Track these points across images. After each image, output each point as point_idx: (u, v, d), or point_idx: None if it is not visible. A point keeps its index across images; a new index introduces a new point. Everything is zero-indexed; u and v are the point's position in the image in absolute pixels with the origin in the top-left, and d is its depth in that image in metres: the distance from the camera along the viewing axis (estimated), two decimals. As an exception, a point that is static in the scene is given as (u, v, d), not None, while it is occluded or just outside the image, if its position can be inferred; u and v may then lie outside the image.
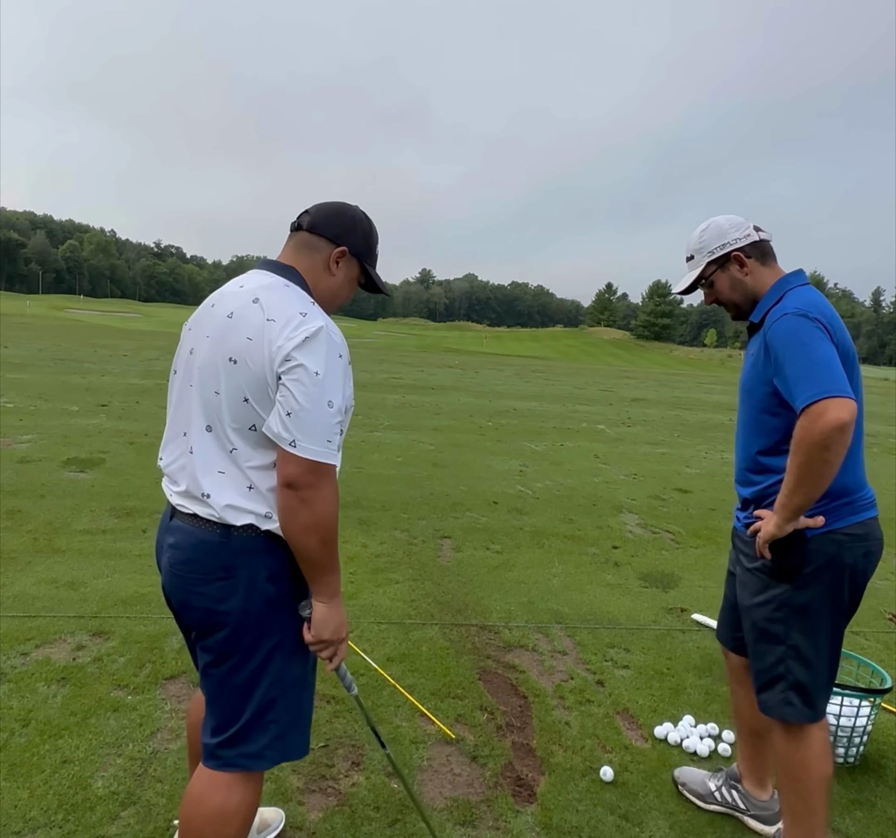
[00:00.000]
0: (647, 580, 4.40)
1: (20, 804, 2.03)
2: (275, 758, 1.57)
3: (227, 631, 1.49)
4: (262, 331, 1.41)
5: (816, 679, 1.86)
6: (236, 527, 1.46)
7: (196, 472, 1.49)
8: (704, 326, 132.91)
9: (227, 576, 1.47)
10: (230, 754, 1.54)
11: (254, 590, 1.47)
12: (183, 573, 1.51)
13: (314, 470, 1.38)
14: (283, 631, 1.52)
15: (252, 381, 1.42)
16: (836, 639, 1.88)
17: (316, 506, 1.39)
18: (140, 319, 63.74)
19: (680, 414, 15.65)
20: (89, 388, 11.40)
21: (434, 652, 3.15)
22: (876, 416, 18.57)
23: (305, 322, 1.42)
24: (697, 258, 1.97)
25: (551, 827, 2.12)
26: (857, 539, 1.83)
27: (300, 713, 1.60)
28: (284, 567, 1.50)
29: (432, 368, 25.33)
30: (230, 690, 1.53)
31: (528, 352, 61.92)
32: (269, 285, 1.51)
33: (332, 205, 1.63)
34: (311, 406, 1.37)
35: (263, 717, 1.53)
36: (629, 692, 2.95)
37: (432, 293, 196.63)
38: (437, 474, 7.00)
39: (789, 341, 1.71)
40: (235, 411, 1.44)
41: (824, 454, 1.61)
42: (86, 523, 4.59)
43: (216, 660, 1.53)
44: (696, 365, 65.07)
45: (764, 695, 1.91)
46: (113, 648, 2.95)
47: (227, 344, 1.46)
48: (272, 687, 1.52)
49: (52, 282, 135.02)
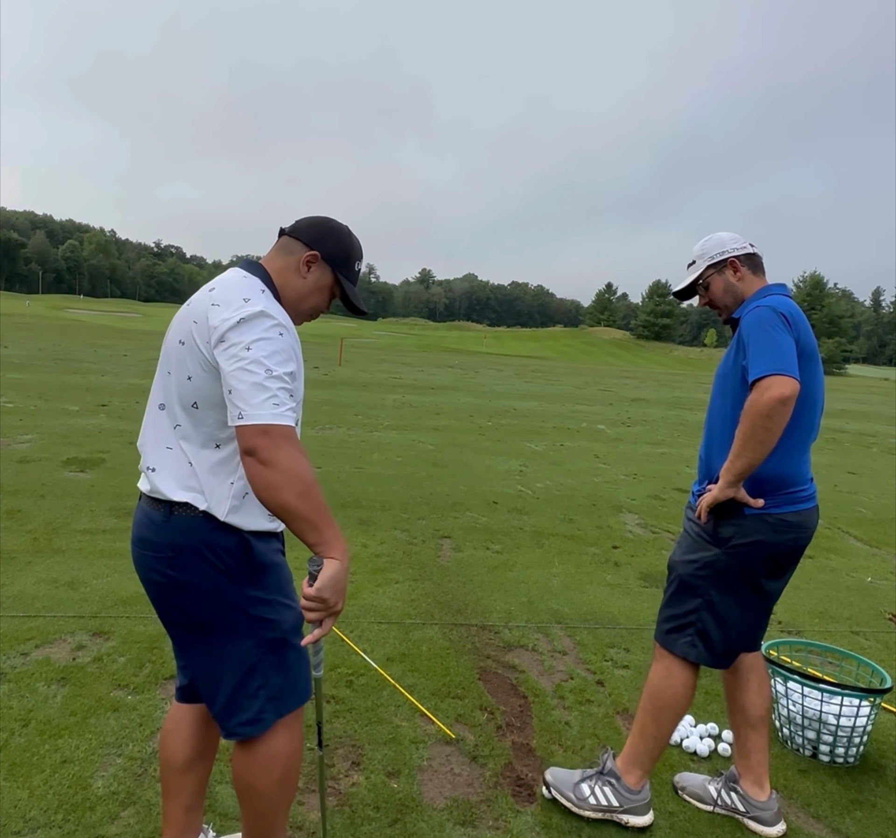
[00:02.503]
0: (647, 580, 4.40)
1: (20, 804, 2.03)
2: (272, 718, 1.60)
3: (184, 606, 1.56)
4: (205, 314, 1.48)
5: (723, 633, 2.09)
6: (176, 506, 1.51)
7: (147, 446, 1.59)
8: (704, 326, 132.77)
9: (174, 555, 1.52)
10: (230, 725, 1.59)
11: (203, 565, 1.51)
12: (139, 550, 1.58)
13: (265, 432, 1.37)
14: (246, 603, 1.55)
15: (193, 360, 1.50)
16: (748, 607, 2.11)
17: (280, 463, 1.36)
18: (140, 319, 63.75)
19: (680, 414, 15.66)
20: (89, 388, 11.41)
21: (434, 652, 3.15)
22: (876, 416, 18.57)
23: (245, 306, 1.46)
24: (698, 263, 2.21)
25: (551, 827, 2.12)
26: (789, 526, 2.03)
27: (289, 672, 1.61)
28: (233, 545, 1.53)
29: (432, 368, 25.33)
30: (203, 664, 1.60)
31: (527, 352, 61.94)
32: (229, 278, 1.58)
33: (318, 216, 1.70)
34: (248, 378, 1.39)
35: (249, 684, 1.56)
36: (629, 692, 2.95)
37: (432, 293, 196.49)
38: (436, 474, 7.00)
39: (755, 327, 1.96)
40: (181, 389, 1.53)
41: (766, 422, 1.85)
42: (86, 523, 4.59)
43: (182, 635, 1.62)
44: (696, 365, 65.08)
45: (673, 635, 2.15)
46: (113, 648, 2.95)
47: (180, 328, 1.55)
48: (248, 655, 1.56)
49: (52, 282, 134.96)
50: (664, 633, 2.19)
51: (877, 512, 6.89)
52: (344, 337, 38.12)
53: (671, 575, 2.20)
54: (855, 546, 5.62)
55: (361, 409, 11.37)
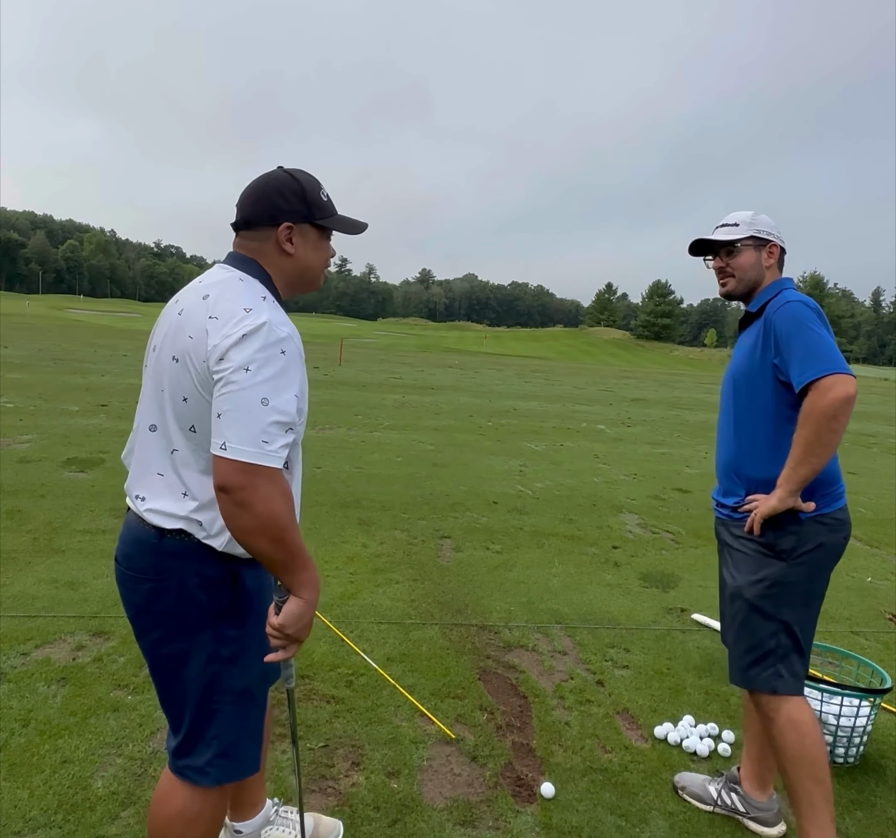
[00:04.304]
0: (647, 580, 4.40)
1: (20, 804, 2.03)
2: (218, 777, 1.51)
3: (157, 634, 1.48)
4: (203, 328, 1.35)
5: (801, 652, 1.98)
6: (168, 530, 1.41)
7: (135, 469, 1.50)
8: (704, 326, 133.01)
9: (157, 579, 1.43)
10: (180, 764, 1.52)
11: (184, 595, 1.42)
12: (122, 568, 1.49)
13: (245, 471, 1.27)
14: (218, 642, 1.45)
15: (190, 381, 1.37)
16: (815, 617, 2.02)
17: (255, 507, 1.27)
18: (140, 319, 63.70)
19: (680, 414, 15.66)
20: (89, 388, 11.41)
21: (434, 653, 3.15)
22: (876, 416, 18.57)
23: (247, 317, 1.33)
24: (742, 228, 2.08)
25: (551, 827, 2.12)
26: (842, 523, 1.98)
27: (245, 730, 1.53)
28: (221, 576, 1.44)
29: (432, 368, 25.33)
30: (169, 696, 1.52)
31: (527, 352, 61.95)
32: (224, 280, 1.45)
33: (251, 187, 1.49)
34: (241, 405, 1.28)
35: (205, 731, 1.49)
36: (629, 692, 2.95)
37: (432, 293, 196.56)
38: (436, 474, 7.00)
39: (796, 325, 1.87)
40: (177, 410, 1.41)
41: (832, 424, 1.77)
42: (86, 523, 4.59)
43: (152, 664, 1.52)
44: (696, 365, 65.11)
45: (754, 670, 1.98)
46: (113, 648, 2.95)
47: (174, 341, 1.41)
48: (210, 699, 1.47)
49: (51, 282, 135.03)
50: (743, 672, 2.00)
51: (877, 512, 6.89)
52: (344, 337, 38.14)
53: (734, 604, 2.02)
54: (855, 546, 5.61)
55: (361, 409, 11.37)
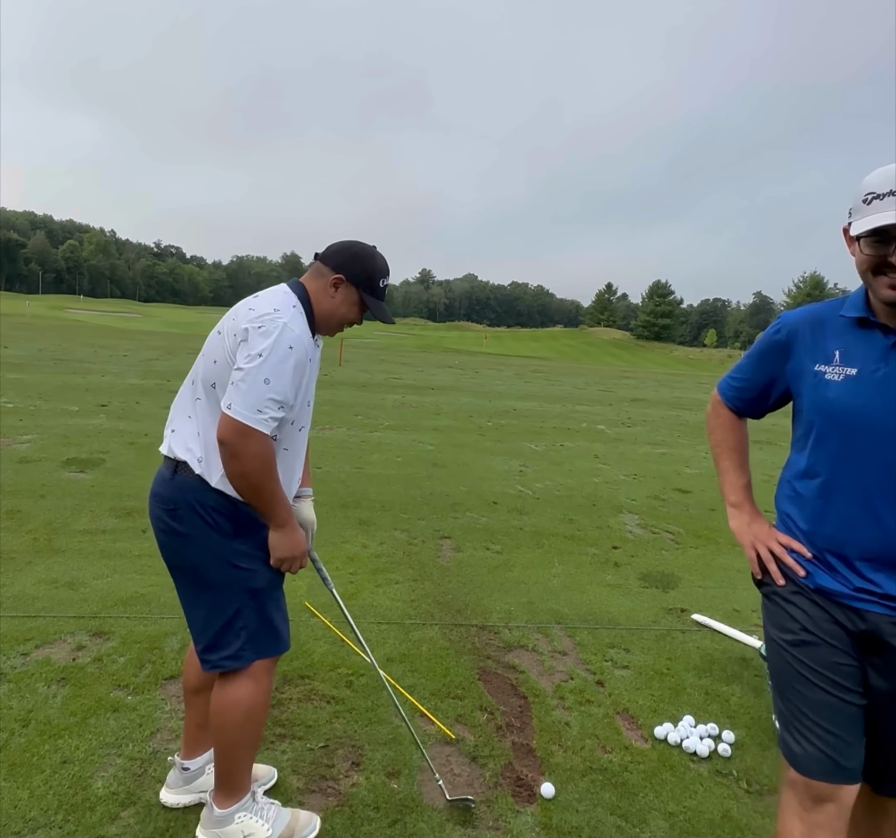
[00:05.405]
0: (647, 580, 4.40)
1: (20, 804, 2.03)
2: (251, 657, 1.85)
3: (179, 552, 1.85)
4: (242, 315, 1.77)
5: None
6: (180, 466, 1.80)
7: (173, 411, 1.92)
8: (704, 326, 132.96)
9: (174, 507, 1.81)
10: (213, 658, 1.85)
11: (194, 520, 1.79)
12: (152, 502, 1.88)
13: (240, 431, 1.67)
14: (228, 554, 1.81)
15: (222, 348, 1.79)
16: None
17: (243, 461, 1.70)
18: (140, 319, 63.78)
19: (680, 414, 15.66)
20: (89, 388, 11.40)
21: (434, 653, 3.15)
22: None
23: (272, 314, 1.74)
24: None
25: (551, 827, 2.12)
26: None
27: (267, 618, 1.88)
28: (221, 506, 1.79)
29: (432, 368, 25.33)
30: (196, 604, 1.87)
31: (527, 353, 61.98)
32: (274, 289, 1.89)
33: (345, 241, 1.95)
34: (250, 380, 1.67)
35: (233, 625, 1.83)
36: (629, 692, 2.95)
37: (432, 293, 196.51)
38: (436, 474, 7.00)
39: None
40: (206, 370, 1.82)
41: None
42: (86, 523, 4.59)
43: (179, 578, 1.89)
44: (696, 365, 65.12)
45: None
46: (113, 648, 2.95)
47: (223, 322, 1.86)
48: (232, 600, 1.83)
49: (52, 283, 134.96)
50: None
51: None
52: (344, 337, 38.11)
53: None
54: None
55: (361, 410, 11.37)
